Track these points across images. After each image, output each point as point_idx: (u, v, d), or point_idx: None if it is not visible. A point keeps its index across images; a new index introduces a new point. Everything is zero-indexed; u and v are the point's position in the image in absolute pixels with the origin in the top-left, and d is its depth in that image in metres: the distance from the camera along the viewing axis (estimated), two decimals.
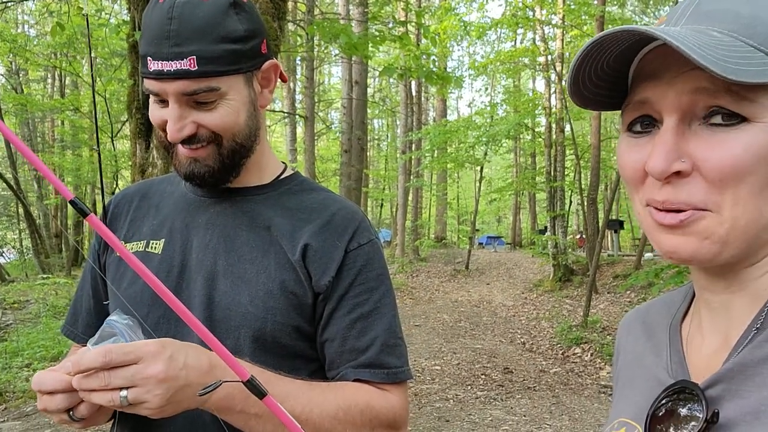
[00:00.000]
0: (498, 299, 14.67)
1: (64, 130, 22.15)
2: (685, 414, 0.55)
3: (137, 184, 1.26)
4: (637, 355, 0.72)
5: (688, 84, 0.53)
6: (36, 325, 9.11)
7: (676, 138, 0.54)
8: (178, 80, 0.94)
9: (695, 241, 0.54)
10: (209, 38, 0.94)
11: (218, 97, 0.98)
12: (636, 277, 9.03)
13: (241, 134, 1.02)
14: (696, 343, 0.64)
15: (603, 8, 13.04)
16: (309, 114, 15.00)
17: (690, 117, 0.54)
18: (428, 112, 32.59)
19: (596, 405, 6.14)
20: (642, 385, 0.67)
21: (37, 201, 22.60)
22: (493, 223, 46.08)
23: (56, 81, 23.77)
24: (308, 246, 1.03)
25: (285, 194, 1.11)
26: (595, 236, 12.63)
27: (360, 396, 0.98)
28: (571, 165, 19.11)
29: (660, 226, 0.57)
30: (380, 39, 5.28)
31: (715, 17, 0.54)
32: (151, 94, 1.00)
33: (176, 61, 0.93)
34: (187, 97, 0.96)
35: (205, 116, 0.98)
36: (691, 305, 0.69)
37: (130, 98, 3.76)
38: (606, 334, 9.24)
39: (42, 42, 18.43)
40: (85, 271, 1.21)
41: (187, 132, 0.98)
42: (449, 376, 7.29)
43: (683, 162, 0.54)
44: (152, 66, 0.95)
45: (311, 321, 1.03)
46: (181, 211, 1.11)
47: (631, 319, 0.80)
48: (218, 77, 0.96)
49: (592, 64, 0.59)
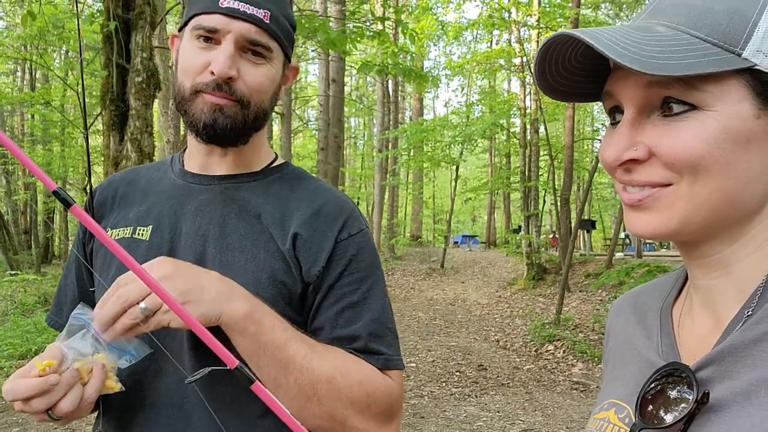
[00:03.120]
0: (473, 297, 14.77)
1: (34, 124, 21.65)
2: (675, 396, 0.56)
3: (123, 171, 1.24)
4: (628, 337, 0.73)
5: (641, 78, 0.56)
6: (4, 323, 8.91)
7: (631, 129, 0.58)
8: (249, 24, 0.98)
9: (656, 217, 0.58)
10: (281, 8, 1.03)
11: (267, 60, 1.03)
12: (607, 275, 9.20)
13: (265, 102, 1.06)
14: (687, 326, 0.65)
15: (578, 11, 13.21)
16: (286, 111, 14.92)
17: (649, 108, 0.58)
18: (405, 111, 32.68)
19: (569, 401, 6.23)
20: (632, 367, 0.68)
21: (5, 196, 22.07)
22: (468, 222, 46.37)
23: (26, 74, 23.24)
24: (298, 235, 1.02)
25: (276, 182, 1.10)
26: (567, 235, 12.80)
27: (360, 367, 0.98)
28: (546, 165, 19.34)
29: (626, 206, 0.61)
30: (359, 35, 5.28)
31: (667, 12, 0.57)
32: (202, 34, 1.00)
33: (253, 6, 0.99)
34: (247, 43, 1.00)
35: (250, 70, 1.01)
36: (682, 289, 0.71)
37: (104, 89, 3.69)
38: (578, 332, 9.38)
39: (11, 34, 17.99)
40: (69, 260, 1.18)
41: (233, 73, 0.99)
42: (424, 373, 7.33)
43: (635, 150, 0.57)
44: (225, 2, 0.97)
45: (300, 311, 1.03)
46: (170, 198, 1.09)
47: (622, 303, 0.81)
48: (275, 42, 1.03)
49: (557, 60, 0.62)
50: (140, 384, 0.99)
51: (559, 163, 15.89)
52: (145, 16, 3.64)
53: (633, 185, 0.59)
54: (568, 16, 13.60)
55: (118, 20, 3.60)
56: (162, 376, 0.99)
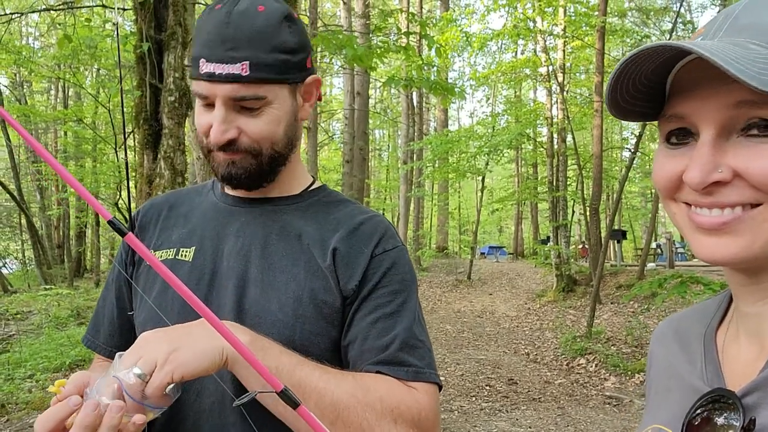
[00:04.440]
0: (501, 309, 14.63)
1: (67, 141, 22.22)
2: (722, 423, 0.55)
3: (165, 194, 1.27)
4: (671, 364, 0.72)
5: (730, 98, 0.54)
6: (38, 336, 9.09)
7: (713, 150, 0.56)
8: (229, 84, 0.97)
9: (737, 242, 0.55)
10: (263, 46, 0.97)
11: (264, 105, 1.00)
12: (640, 287, 9.00)
13: (279, 143, 1.05)
14: (732, 352, 0.64)
15: (604, 19, 13.09)
16: (312, 125, 15.04)
17: (729, 130, 0.56)
18: (429, 123, 32.67)
19: (601, 416, 6.11)
20: (676, 393, 0.67)
21: (40, 212, 22.62)
22: (495, 233, 46.01)
23: (59, 92, 23.89)
24: (337, 250, 1.04)
25: (314, 205, 1.12)
26: (598, 246, 12.62)
27: (380, 383, 0.95)
28: (574, 175, 19.13)
29: (700, 230, 0.58)
30: (384, 50, 5.31)
31: (752, 30, 0.55)
32: (198, 98, 1.02)
33: (229, 64, 0.96)
34: (234, 101, 0.99)
35: (249, 122, 1.01)
36: (726, 314, 0.69)
37: (137, 109, 3.78)
38: (610, 345, 9.21)
39: (45, 53, 18.52)
40: (108, 281, 1.21)
41: (230, 135, 1.00)
42: (453, 387, 7.27)
43: (720, 172, 0.55)
44: (204, 68, 0.97)
45: (340, 328, 1.03)
46: (212, 220, 1.12)
47: (664, 329, 0.80)
48: (267, 85, 0.99)
49: (629, 77, 0.60)
50: (182, 403, 0.99)
51: (587, 173, 15.72)
52: (177, 37, 3.72)
53: (716, 207, 0.56)
54: (594, 24, 13.49)
55: (150, 41, 3.68)
56: (203, 396, 1.00)
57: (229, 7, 0.97)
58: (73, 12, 9.17)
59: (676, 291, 7.34)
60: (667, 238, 17.26)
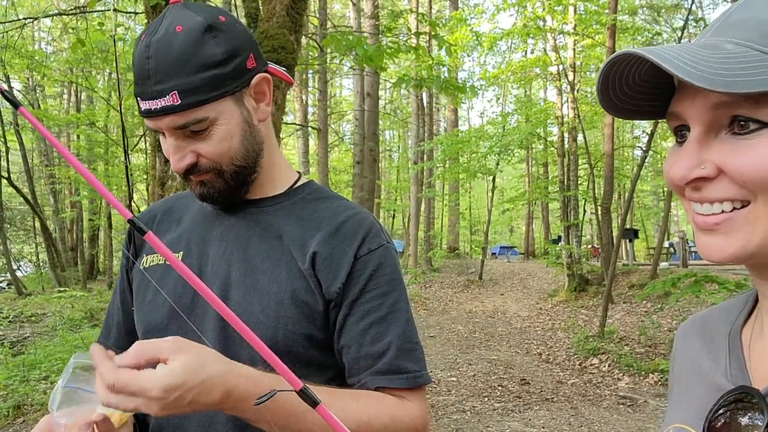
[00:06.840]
0: (513, 309, 14.58)
1: (79, 144, 22.43)
2: (747, 423, 0.55)
3: (164, 198, 1.30)
4: (694, 361, 0.71)
5: (708, 99, 0.55)
6: (53, 338, 9.18)
7: (698, 147, 0.57)
8: (166, 116, 0.96)
9: (732, 241, 0.56)
10: (187, 70, 0.94)
11: (210, 125, 0.98)
12: (652, 286, 8.94)
13: (238, 156, 1.03)
14: (757, 350, 0.63)
15: (614, 17, 13.00)
16: (322, 126, 15.08)
17: (717, 127, 0.56)
18: (439, 123, 32.64)
19: (615, 416, 6.07)
20: (699, 391, 0.67)
21: (53, 215, 22.85)
22: (506, 232, 45.88)
23: (72, 96, 24.11)
24: (317, 254, 1.03)
25: (298, 203, 1.12)
26: (609, 245, 12.54)
27: (383, 410, 0.98)
28: (585, 174, 19.02)
29: (699, 230, 0.59)
30: (395, 51, 5.31)
31: (737, 27, 0.56)
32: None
33: (160, 99, 0.95)
34: (179, 130, 0.98)
35: (202, 145, 1.00)
36: (752, 312, 0.69)
37: None
38: (623, 344, 9.15)
39: (58, 58, 18.70)
40: (116, 285, 1.25)
41: (188, 161, 1.00)
42: (465, 388, 7.25)
43: (703, 168, 0.56)
44: (142, 106, 0.97)
45: (324, 329, 1.04)
46: (198, 225, 1.14)
47: (688, 327, 0.79)
48: (203, 106, 0.96)
49: (621, 78, 0.61)
50: None
51: (598, 172, 15.62)
52: None
53: (704, 202, 0.57)
54: (605, 22, 13.40)
55: None
56: None
57: (148, 37, 0.95)
58: (85, 16, 9.24)
59: (690, 290, 7.28)
60: (681, 237, 17.14)
